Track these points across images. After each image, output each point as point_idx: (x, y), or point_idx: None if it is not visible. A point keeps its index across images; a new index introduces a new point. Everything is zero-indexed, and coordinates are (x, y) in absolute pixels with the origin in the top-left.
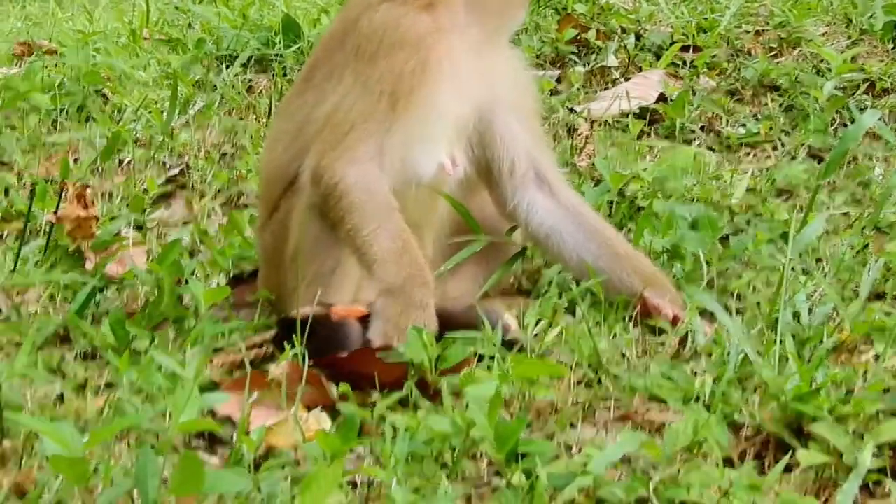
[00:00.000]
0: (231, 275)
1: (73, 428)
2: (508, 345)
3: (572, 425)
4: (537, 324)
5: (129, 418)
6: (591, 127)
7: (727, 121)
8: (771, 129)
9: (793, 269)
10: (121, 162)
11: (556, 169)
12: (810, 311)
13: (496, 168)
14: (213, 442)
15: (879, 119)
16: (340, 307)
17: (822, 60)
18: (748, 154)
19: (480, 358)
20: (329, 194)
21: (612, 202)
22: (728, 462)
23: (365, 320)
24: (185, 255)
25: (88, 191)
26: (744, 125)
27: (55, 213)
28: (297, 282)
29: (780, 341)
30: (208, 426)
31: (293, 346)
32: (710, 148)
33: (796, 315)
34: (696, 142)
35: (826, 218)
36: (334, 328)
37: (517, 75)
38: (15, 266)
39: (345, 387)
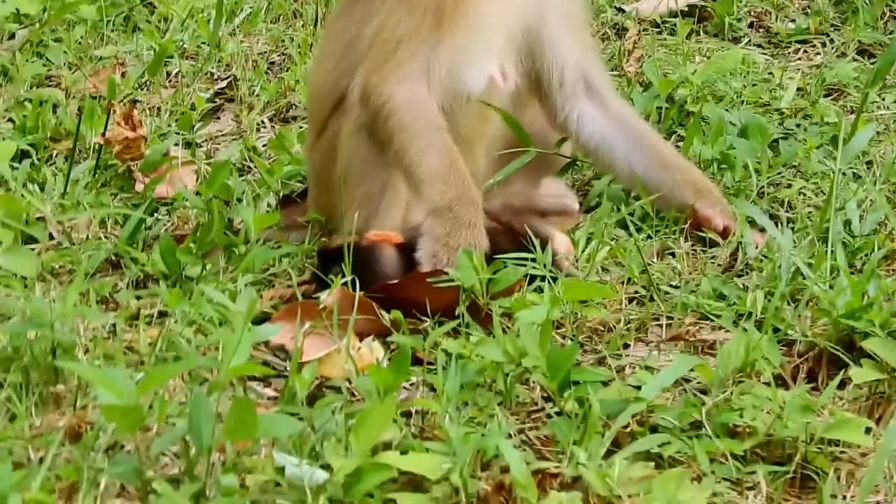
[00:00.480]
0: (280, 194)
1: (126, 375)
2: (558, 265)
3: (625, 346)
4: (587, 244)
5: (182, 363)
6: (640, 28)
7: (776, 16)
8: (821, 23)
9: (843, 174)
10: (168, 74)
11: (605, 79)
12: (861, 218)
13: (546, 79)
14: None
15: None
16: (373, 233)
17: None
18: (797, 51)
19: (531, 279)
20: (377, 113)
21: (661, 108)
22: (780, 381)
23: (401, 248)
24: (234, 174)
25: (136, 110)
26: (793, 21)
27: (103, 134)
28: (346, 204)
29: (832, 251)
30: (259, 370)
31: (337, 275)
32: (758, 45)
33: (847, 223)
34: (745, 39)
35: (876, 118)
36: (366, 253)
37: None
38: (65, 189)
39: (396, 313)
